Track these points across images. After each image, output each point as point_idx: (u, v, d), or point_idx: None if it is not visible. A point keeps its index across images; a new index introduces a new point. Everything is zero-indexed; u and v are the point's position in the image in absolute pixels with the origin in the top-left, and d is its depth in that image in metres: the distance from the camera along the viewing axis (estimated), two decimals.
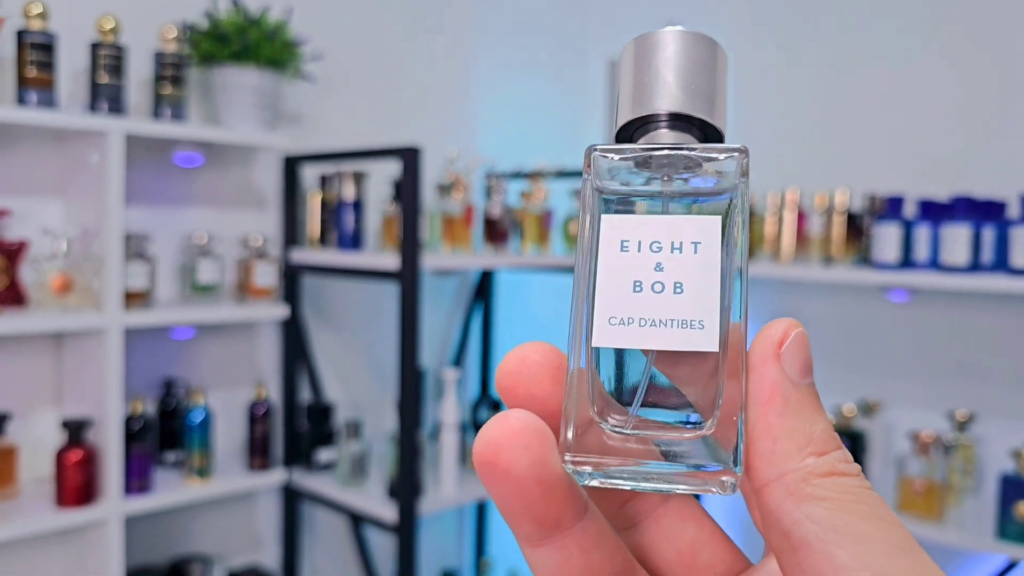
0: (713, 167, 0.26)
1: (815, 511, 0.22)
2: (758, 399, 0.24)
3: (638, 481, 0.25)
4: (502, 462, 0.23)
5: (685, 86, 0.27)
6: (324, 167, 2.07)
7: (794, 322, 0.25)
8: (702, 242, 0.25)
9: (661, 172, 0.26)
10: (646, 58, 0.28)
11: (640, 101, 0.28)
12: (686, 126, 0.27)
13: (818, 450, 0.23)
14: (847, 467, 0.23)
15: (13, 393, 1.69)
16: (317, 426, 2.02)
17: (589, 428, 0.25)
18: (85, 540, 1.69)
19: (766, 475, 0.23)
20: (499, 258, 2.10)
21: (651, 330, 0.25)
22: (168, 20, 1.80)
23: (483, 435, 0.24)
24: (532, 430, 0.24)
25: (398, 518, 1.79)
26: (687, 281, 0.25)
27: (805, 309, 2.32)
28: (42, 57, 1.55)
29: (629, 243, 0.26)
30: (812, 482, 0.23)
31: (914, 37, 2.17)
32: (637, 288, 0.26)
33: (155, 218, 1.87)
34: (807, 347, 0.25)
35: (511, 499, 0.24)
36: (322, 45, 2.05)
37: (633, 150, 0.27)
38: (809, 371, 0.25)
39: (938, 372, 2.12)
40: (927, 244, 1.88)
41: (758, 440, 0.24)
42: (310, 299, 2.12)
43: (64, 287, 1.58)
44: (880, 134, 2.22)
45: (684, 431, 0.25)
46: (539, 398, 0.26)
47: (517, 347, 0.26)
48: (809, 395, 0.24)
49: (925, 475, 1.84)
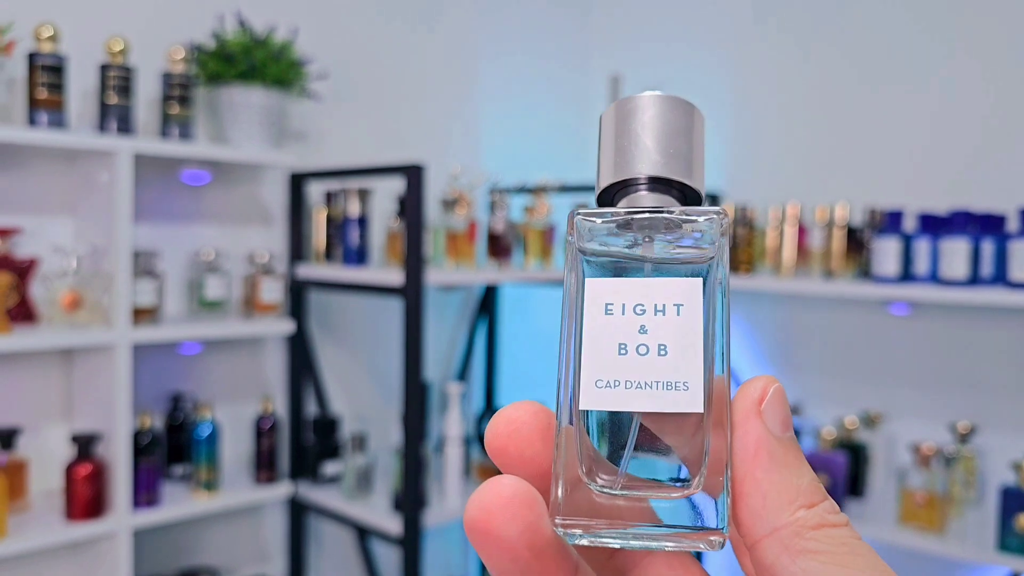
0: (693, 228, 0.27)
1: (810, 565, 0.23)
2: (744, 456, 0.25)
3: (627, 540, 0.25)
4: (494, 529, 0.24)
5: (663, 150, 0.28)
6: (329, 184, 2.09)
7: (771, 379, 0.25)
8: (684, 304, 0.26)
9: (642, 234, 0.27)
10: (625, 122, 0.29)
11: (620, 165, 0.28)
12: (666, 188, 0.28)
13: (807, 502, 0.24)
14: (836, 518, 0.24)
15: (24, 408, 1.72)
16: (323, 440, 2.04)
17: (578, 488, 0.26)
18: (94, 553, 1.71)
19: (759, 531, 0.24)
20: (503, 273, 2.12)
21: (637, 392, 0.26)
22: (176, 41, 1.84)
23: (475, 501, 0.24)
24: (522, 497, 0.24)
25: (403, 530, 1.81)
26: (671, 343, 0.26)
27: (806, 322, 2.34)
28: (52, 79, 1.58)
29: (613, 306, 0.26)
30: (805, 536, 0.23)
31: (914, 53, 2.19)
32: (622, 351, 0.26)
33: (163, 235, 1.89)
34: (786, 402, 0.25)
35: (504, 564, 0.24)
36: (327, 64, 2.08)
37: (615, 213, 0.27)
38: (790, 425, 0.25)
39: (939, 384, 2.13)
40: (927, 258, 1.90)
41: (748, 496, 0.24)
42: (316, 314, 2.15)
43: (74, 304, 1.61)
44: (880, 149, 2.24)
45: (672, 490, 0.25)
46: (529, 458, 0.26)
47: (505, 408, 0.27)
48: (792, 448, 0.25)
49: (926, 487, 1.85)
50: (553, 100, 2.78)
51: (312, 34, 2.06)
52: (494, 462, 0.27)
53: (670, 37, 2.67)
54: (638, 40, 2.74)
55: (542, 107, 2.74)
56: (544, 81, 2.75)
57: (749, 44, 2.49)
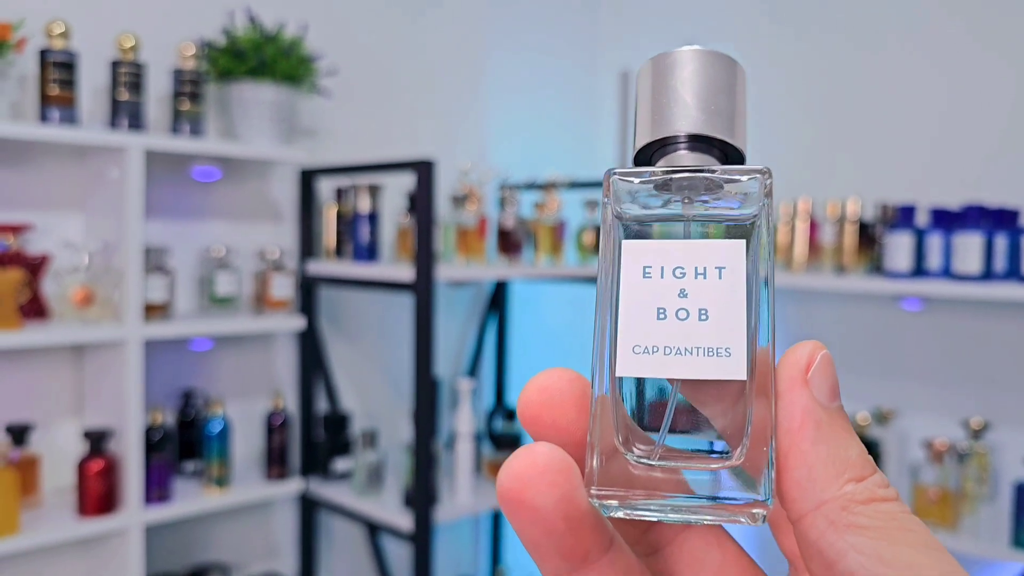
0: (735, 188, 0.26)
1: (859, 541, 0.22)
2: (789, 426, 0.23)
3: (665, 513, 0.24)
4: (528, 499, 0.23)
5: (704, 106, 0.27)
6: (340, 180, 2.09)
7: (818, 344, 0.24)
8: (726, 267, 0.25)
9: (682, 195, 0.26)
10: (663, 78, 0.27)
11: (659, 123, 0.27)
12: (706, 147, 0.27)
13: (856, 476, 0.23)
14: (886, 492, 0.23)
15: (36, 404, 1.72)
16: (333, 436, 2.04)
17: (614, 458, 0.25)
18: (106, 549, 1.72)
19: (804, 505, 0.23)
20: (513, 269, 2.12)
21: (676, 358, 0.24)
22: (186, 37, 1.84)
23: (507, 470, 0.23)
24: (558, 465, 0.23)
25: (414, 527, 1.81)
26: (712, 307, 0.25)
27: (818, 318, 2.33)
28: (64, 75, 1.59)
29: (652, 269, 0.25)
30: (853, 510, 0.22)
31: (927, 46, 2.18)
32: (661, 315, 0.25)
33: (174, 231, 1.90)
34: (833, 369, 0.24)
35: (538, 535, 0.23)
36: (337, 60, 2.08)
37: (652, 173, 0.26)
38: (837, 394, 0.24)
39: (952, 380, 2.12)
40: (939, 252, 1.88)
41: (793, 469, 0.23)
42: (326, 310, 2.15)
43: (85, 300, 1.61)
44: (892, 143, 2.23)
45: (712, 461, 0.24)
46: (563, 427, 0.25)
47: (538, 375, 0.26)
48: (840, 418, 0.24)
49: (939, 483, 1.84)
50: (562, 96, 2.78)
51: (322, 30, 2.06)
52: (526, 431, 0.26)
53: (679, 33, 2.66)
54: (647, 35, 2.73)
55: (552, 103, 2.73)
56: (553, 77, 2.74)
57: (759, 38, 2.48)
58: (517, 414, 0.26)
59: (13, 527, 1.52)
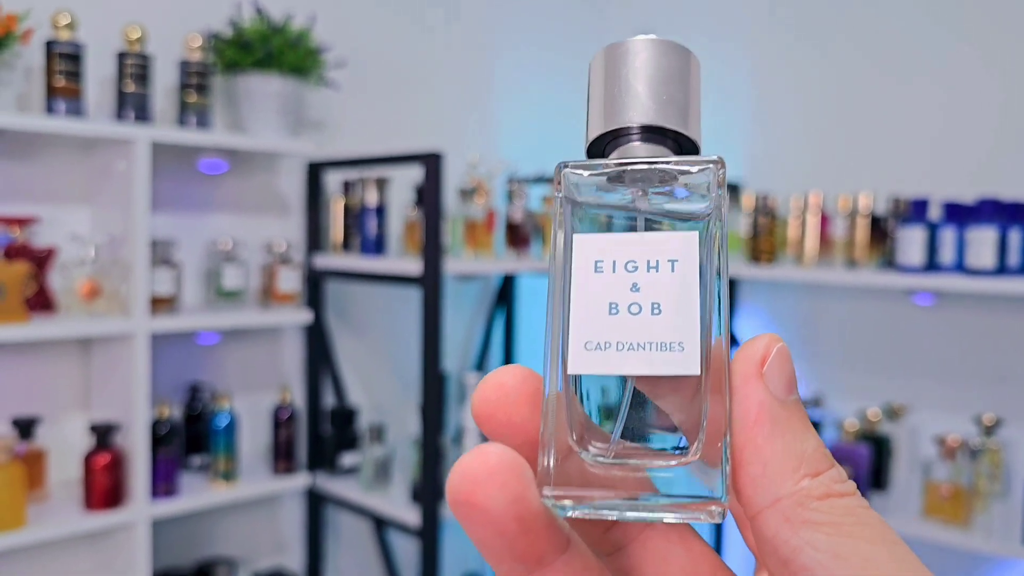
0: (688, 180, 0.25)
1: (815, 537, 0.21)
2: (744, 422, 0.23)
3: (622, 511, 0.24)
4: (478, 500, 0.22)
5: (657, 97, 0.26)
6: (347, 173, 2.08)
7: (775, 337, 0.24)
8: (679, 259, 0.24)
9: (635, 187, 0.25)
10: (615, 68, 0.27)
11: (611, 114, 0.27)
12: (660, 138, 0.26)
13: (812, 471, 0.22)
14: (843, 487, 0.22)
15: (42, 397, 1.71)
16: (341, 430, 2.03)
17: (568, 457, 0.24)
18: (112, 543, 1.71)
19: (759, 501, 0.22)
20: (521, 262, 2.11)
21: (629, 354, 0.24)
22: (193, 29, 1.82)
23: (457, 471, 0.22)
24: (509, 465, 0.22)
25: (421, 522, 1.80)
26: (665, 301, 0.24)
27: (828, 312, 2.31)
28: (70, 67, 1.58)
29: (603, 263, 0.25)
30: (809, 506, 0.22)
31: (940, 37, 2.15)
32: (613, 310, 0.24)
33: (180, 224, 1.89)
34: (790, 362, 0.24)
35: (490, 538, 0.22)
36: (345, 52, 2.07)
37: (605, 165, 0.26)
38: (794, 387, 0.23)
39: (964, 376, 2.10)
40: (952, 247, 1.86)
41: (748, 465, 0.23)
42: (333, 304, 2.14)
43: (92, 293, 1.61)
44: (904, 136, 2.21)
45: (668, 457, 0.24)
46: (517, 424, 0.25)
47: (493, 372, 0.25)
48: (796, 412, 0.23)
49: (951, 480, 1.82)
50: (571, 88, 2.76)
51: (329, 22, 2.05)
52: (481, 430, 0.25)
53: (687, 25, 2.64)
54: (655, 28, 2.71)
55: (560, 95, 2.72)
56: (562, 69, 2.72)
57: (767, 32, 2.46)
58: (472, 413, 0.25)
59: (20, 521, 1.51)
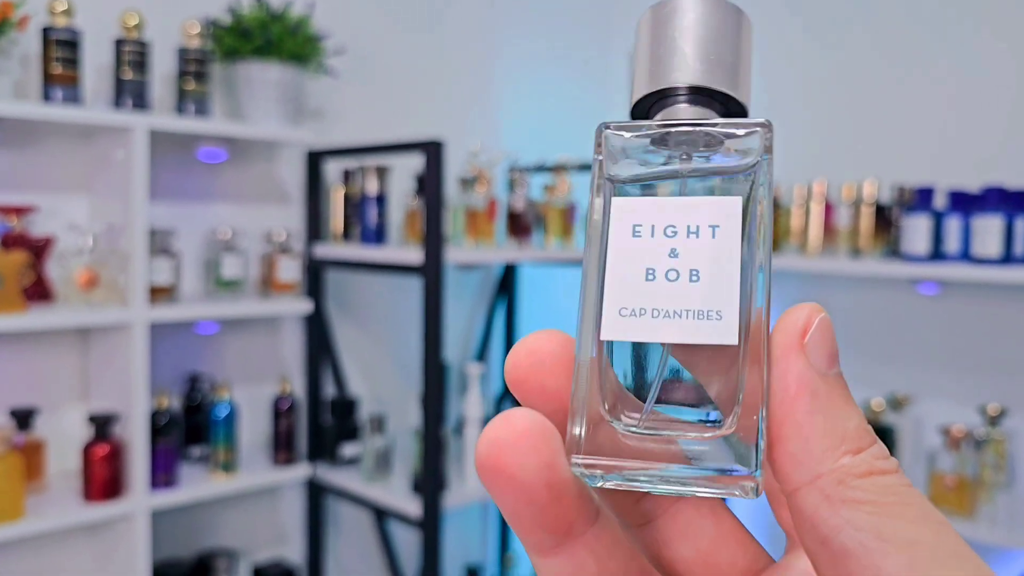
0: (735, 144, 0.24)
1: (856, 516, 0.20)
2: (783, 395, 0.22)
3: (654, 484, 0.23)
4: (507, 465, 0.21)
5: (705, 57, 0.25)
6: (347, 162, 2.07)
7: (816, 307, 0.23)
8: (721, 225, 0.23)
9: (679, 150, 0.25)
10: (663, 27, 0.26)
11: (657, 74, 0.26)
12: (707, 100, 0.25)
13: (853, 447, 0.21)
14: (886, 464, 0.21)
15: (41, 388, 1.70)
16: (341, 421, 2.02)
17: (599, 426, 0.23)
18: (112, 534, 1.70)
19: (798, 478, 0.21)
20: (522, 252, 2.09)
21: (665, 321, 0.23)
22: (191, 16, 1.81)
23: (486, 437, 0.22)
24: (538, 430, 0.22)
25: (422, 513, 1.79)
26: (704, 268, 0.23)
27: (833, 302, 2.30)
28: (67, 54, 1.56)
29: (642, 228, 0.24)
30: (850, 484, 0.21)
31: (947, 23, 2.13)
32: (650, 276, 0.24)
33: (179, 213, 1.87)
34: (832, 334, 0.23)
35: (518, 505, 0.22)
36: (344, 39, 2.05)
37: (649, 127, 0.25)
38: (836, 360, 0.22)
39: (969, 366, 2.09)
40: (958, 236, 1.85)
41: (787, 440, 0.22)
42: (334, 294, 2.12)
43: (90, 282, 1.59)
44: (909, 124, 2.19)
45: (703, 430, 0.23)
46: (551, 391, 0.24)
47: (527, 336, 0.24)
48: (838, 387, 0.22)
49: (956, 470, 1.81)
50: (574, 76, 2.74)
51: (328, 9, 2.03)
52: (514, 395, 0.24)
53: None
54: None
55: (562, 83, 2.70)
56: (565, 57, 2.70)
57: (773, 18, 2.44)
58: (505, 377, 0.24)
59: (18, 512, 1.50)
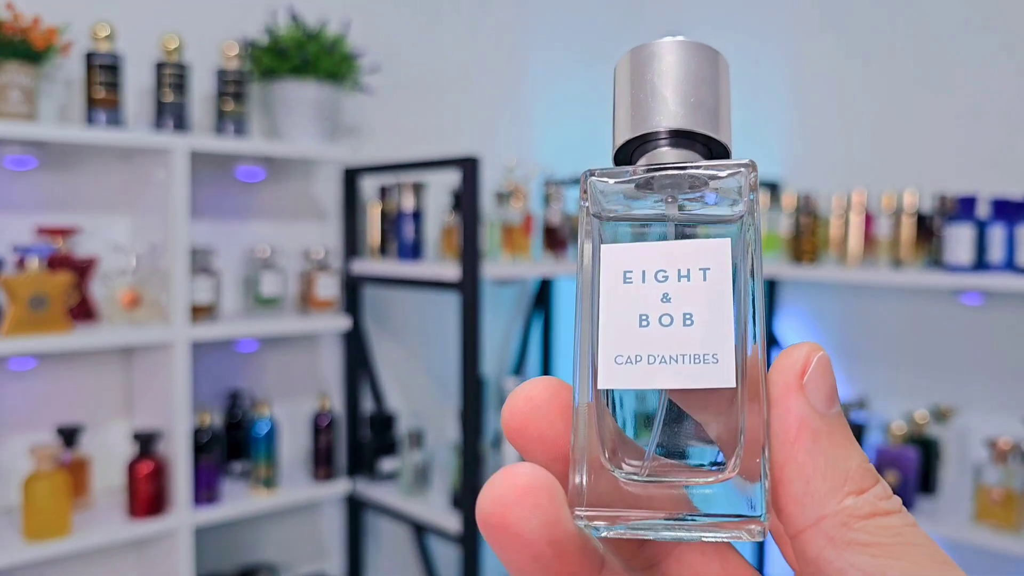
0: (719, 184, 0.24)
1: (860, 559, 0.20)
2: (784, 437, 0.22)
3: (658, 532, 0.23)
4: (511, 523, 0.21)
5: (685, 100, 0.25)
6: (383, 178, 2.08)
7: (815, 346, 0.23)
8: (711, 267, 0.23)
9: (664, 194, 0.25)
10: (642, 72, 0.26)
11: (638, 119, 0.26)
12: (689, 143, 0.25)
13: (856, 488, 0.21)
14: (889, 504, 0.21)
15: (86, 406, 1.73)
16: (380, 436, 2.03)
17: (601, 475, 0.23)
18: (156, 550, 1.72)
19: (802, 520, 0.22)
20: (558, 266, 2.09)
21: (661, 367, 0.23)
22: (229, 37, 1.83)
23: (488, 493, 0.22)
24: (541, 486, 0.22)
25: (462, 528, 1.79)
26: (697, 311, 0.23)
27: (874, 313, 2.27)
28: (109, 78, 1.59)
29: (632, 273, 0.24)
30: (854, 526, 0.21)
31: (986, 29, 2.10)
32: (644, 322, 0.24)
33: (219, 232, 1.89)
34: (831, 372, 0.23)
35: (523, 562, 0.22)
36: (380, 57, 2.07)
37: (633, 172, 0.25)
38: (836, 399, 0.22)
39: (1014, 376, 2.05)
40: (1002, 245, 1.82)
41: (789, 483, 0.22)
42: (371, 310, 2.13)
43: (133, 302, 1.62)
44: (950, 131, 2.16)
45: (706, 474, 0.23)
46: (551, 439, 0.24)
47: (523, 384, 0.25)
48: (839, 426, 0.22)
49: (1003, 484, 1.78)
50: (606, 89, 2.73)
51: (364, 27, 2.05)
52: (512, 445, 0.24)
53: (725, 24, 2.60)
54: (693, 27, 2.68)
55: (596, 97, 2.69)
56: (596, 69, 2.70)
57: (807, 29, 2.42)
58: (502, 426, 0.25)
59: (65, 529, 1.52)
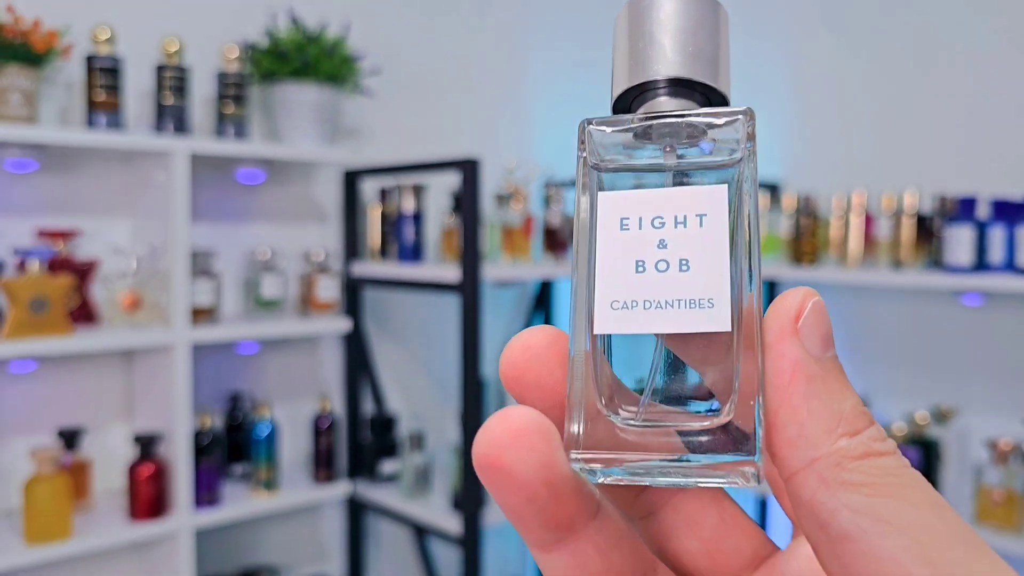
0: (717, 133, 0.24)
1: (853, 499, 0.20)
2: (778, 380, 0.22)
3: (654, 476, 0.23)
4: (506, 464, 0.21)
5: (684, 49, 0.25)
6: (384, 180, 2.08)
7: (810, 291, 0.22)
8: (708, 214, 0.24)
9: (662, 142, 0.25)
10: (641, 22, 0.26)
11: (636, 68, 0.26)
12: (688, 92, 0.25)
13: (850, 430, 0.21)
14: (883, 445, 0.21)
15: (86, 408, 1.73)
16: (380, 438, 2.03)
17: (597, 420, 0.23)
18: (157, 552, 1.72)
19: (795, 463, 0.21)
20: (558, 267, 2.09)
21: (657, 312, 0.23)
22: (229, 40, 1.83)
23: (483, 436, 0.22)
24: (536, 428, 0.22)
25: (463, 530, 1.79)
26: (693, 257, 0.23)
27: (873, 314, 2.27)
28: (110, 81, 1.59)
29: (629, 220, 0.24)
30: (847, 466, 0.21)
31: (986, 28, 2.10)
32: (640, 268, 0.24)
33: (219, 235, 1.90)
34: (826, 316, 0.22)
35: (518, 504, 0.22)
36: (380, 59, 2.07)
37: (630, 120, 0.25)
38: (831, 343, 0.22)
39: (1015, 377, 2.05)
40: (1002, 246, 1.82)
41: (783, 426, 0.22)
42: (372, 312, 2.13)
43: (133, 304, 1.62)
44: (950, 131, 2.16)
45: (701, 419, 0.23)
46: (549, 387, 0.24)
47: (522, 333, 0.25)
48: (834, 370, 0.22)
49: (1003, 484, 1.78)
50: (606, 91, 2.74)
51: (364, 30, 2.05)
52: (510, 393, 0.24)
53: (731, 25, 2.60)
54: None
55: (595, 98, 2.69)
56: (597, 70, 2.70)
57: (808, 27, 2.42)
58: (500, 374, 0.24)
59: (66, 531, 1.52)
